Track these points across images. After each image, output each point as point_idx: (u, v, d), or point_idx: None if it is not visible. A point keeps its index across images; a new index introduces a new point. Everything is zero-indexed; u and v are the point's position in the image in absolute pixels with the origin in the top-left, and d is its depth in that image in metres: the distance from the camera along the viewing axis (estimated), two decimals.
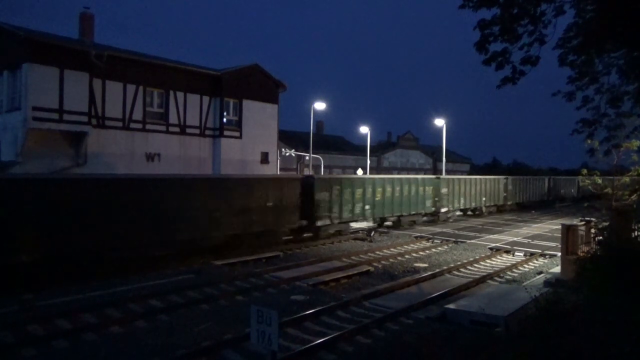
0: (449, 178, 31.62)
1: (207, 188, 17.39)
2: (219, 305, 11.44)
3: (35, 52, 19.13)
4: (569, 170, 64.86)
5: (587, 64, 9.92)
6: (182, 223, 15.97)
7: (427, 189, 28.28)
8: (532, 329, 6.61)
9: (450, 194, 30.51)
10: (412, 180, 27.31)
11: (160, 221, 15.40)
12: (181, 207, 16.02)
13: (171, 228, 15.72)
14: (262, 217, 18.98)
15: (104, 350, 8.54)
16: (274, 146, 29.32)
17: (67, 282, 12.67)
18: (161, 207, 15.50)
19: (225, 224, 17.52)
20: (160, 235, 15.49)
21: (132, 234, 14.71)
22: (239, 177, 20.21)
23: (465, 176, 38.28)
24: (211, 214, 17.03)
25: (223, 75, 26.13)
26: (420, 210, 27.89)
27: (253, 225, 18.66)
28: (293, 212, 20.45)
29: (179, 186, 16.43)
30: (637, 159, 15.42)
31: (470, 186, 32.93)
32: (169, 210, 15.64)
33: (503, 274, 15.80)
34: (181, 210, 15.99)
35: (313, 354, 8.49)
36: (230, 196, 17.80)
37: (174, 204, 15.86)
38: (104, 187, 14.49)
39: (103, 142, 21.47)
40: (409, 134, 62.39)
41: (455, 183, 31.33)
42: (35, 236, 12.67)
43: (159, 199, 15.50)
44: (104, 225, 13.99)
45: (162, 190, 15.73)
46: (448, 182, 30.58)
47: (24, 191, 12.75)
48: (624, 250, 8.94)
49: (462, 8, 8.56)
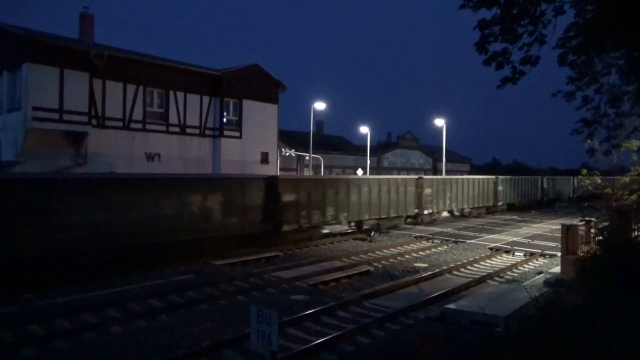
0: (432, 178, 29.51)
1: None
2: (219, 305, 11.44)
3: (35, 52, 19.13)
4: (568, 170, 64.86)
5: (587, 64, 9.93)
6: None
7: (408, 190, 26.44)
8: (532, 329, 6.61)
9: (434, 195, 28.38)
10: (391, 181, 25.39)
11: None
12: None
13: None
14: (196, 223, 16.38)
15: (104, 350, 8.54)
16: (274, 146, 29.33)
17: (67, 282, 12.66)
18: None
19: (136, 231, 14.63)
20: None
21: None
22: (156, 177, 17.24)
23: (452, 176, 36.61)
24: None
25: (223, 75, 26.13)
26: (401, 212, 25.92)
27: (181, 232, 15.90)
28: (253, 216, 18.54)
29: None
30: (637, 159, 15.43)
31: (457, 187, 30.75)
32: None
33: (503, 274, 15.79)
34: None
35: (313, 354, 8.48)
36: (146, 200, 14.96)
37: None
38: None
39: (103, 142, 21.47)
40: (409, 134, 62.42)
41: (440, 184, 29.19)
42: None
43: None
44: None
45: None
46: (432, 183, 28.46)
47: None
48: (624, 250, 8.95)
49: (462, 8, 8.56)
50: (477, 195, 33.27)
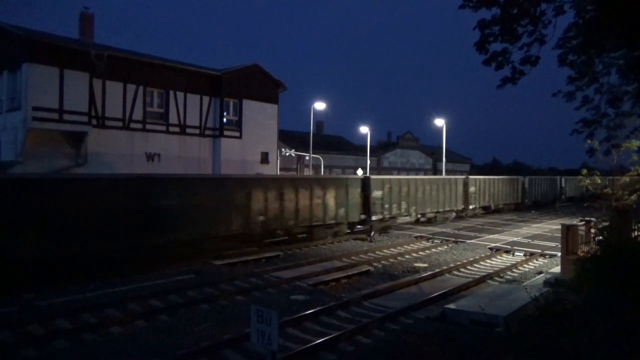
0: (385, 178, 25.18)
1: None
2: (219, 305, 11.44)
3: (35, 52, 19.13)
4: (568, 170, 64.80)
5: (587, 64, 9.94)
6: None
7: (352, 192, 22.50)
8: (532, 329, 6.61)
9: (395, 197, 24.48)
10: (328, 181, 21.69)
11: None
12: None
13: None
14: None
15: (104, 350, 8.54)
16: (274, 146, 29.33)
17: (67, 282, 12.66)
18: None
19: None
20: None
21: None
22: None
23: (418, 176, 34.91)
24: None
25: (223, 75, 26.13)
26: (329, 220, 21.41)
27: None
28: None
29: None
30: (637, 159, 15.42)
31: (417, 188, 26.12)
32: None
33: (503, 274, 15.80)
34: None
35: (313, 353, 8.48)
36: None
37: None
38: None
39: (103, 142, 21.48)
40: (409, 134, 62.41)
41: (404, 184, 25.26)
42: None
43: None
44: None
45: None
46: (385, 183, 24.10)
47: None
48: (624, 250, 8.95)
49: (462, 8, 8.57)
50: (447, 198, 29.15)
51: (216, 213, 16.82)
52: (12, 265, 12.07)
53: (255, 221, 18.22)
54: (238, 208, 17.63)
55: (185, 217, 15.77)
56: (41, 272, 12.56)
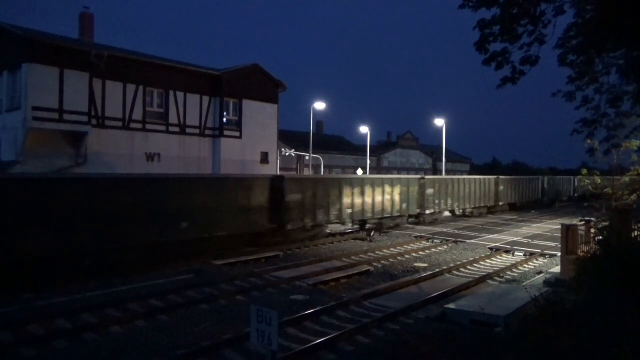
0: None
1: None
2: (219, 305, 11.43)
3: (35, 52, 19.13)
4: (568, 170, 64.82)
5: (587, 64, 9.94)
6: None
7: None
8: (532, 329, 6.61)
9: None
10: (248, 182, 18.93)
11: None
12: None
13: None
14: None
15: (104, 350, 8.54)
16: (274, 146, 29.33)
17: (67, 282, 12.66)
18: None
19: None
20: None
21: None
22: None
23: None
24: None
25: (223, 75, 26.13)
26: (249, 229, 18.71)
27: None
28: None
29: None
30: (637, 159, 15.41)
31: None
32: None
33: (503, 274, 15.80)
34: None
35: (313, 353, 8.48)
36: None
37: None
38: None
39: (103, 142, 21.48)
40: (409, 134, 62.44)
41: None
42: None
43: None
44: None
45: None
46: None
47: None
48: (624, 250, 8.94)
49: (462, 8, 8.57)
50: (405, 199, 25.94)
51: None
52: (12, 265, 12.09)
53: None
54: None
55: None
56: (41, 272, 12.57)
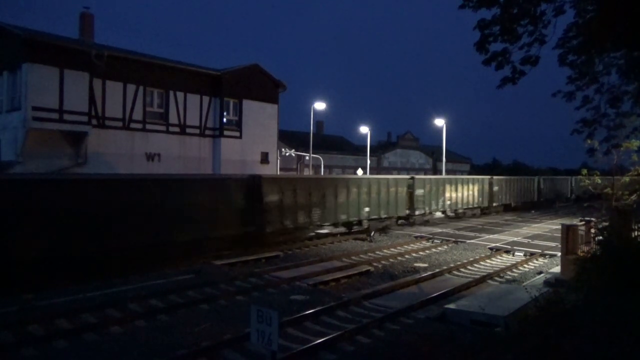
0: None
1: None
2: (219, 305, 11.43)
3: (35, 52, 19.12)
4: (568, 170, 64.79)
5: (587, 64, 9.95)
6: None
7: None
8: (532, 329, 6.61)
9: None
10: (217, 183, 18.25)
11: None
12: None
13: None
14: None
15: (104, 350, 8.54)
16: (274, 146, 29.32)
17: (67, 282, 12.66)
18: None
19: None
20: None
21: None
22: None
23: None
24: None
25: (223, 75, 26.12)
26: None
27: None
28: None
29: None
30: (637, 159, 15.41)
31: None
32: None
33: (503, 274, 15.80)
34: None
35: (313, 353, 8.48)
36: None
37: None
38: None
39: (103, 142, 21.47)
40: (409, 134, 62.42)
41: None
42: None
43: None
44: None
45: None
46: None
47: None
48: (624, 250, 8.94)
49: (462, 8, 8.58)
50: (386, 201, 24.66)
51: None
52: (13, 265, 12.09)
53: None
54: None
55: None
56: (41, 272, 12.56)
